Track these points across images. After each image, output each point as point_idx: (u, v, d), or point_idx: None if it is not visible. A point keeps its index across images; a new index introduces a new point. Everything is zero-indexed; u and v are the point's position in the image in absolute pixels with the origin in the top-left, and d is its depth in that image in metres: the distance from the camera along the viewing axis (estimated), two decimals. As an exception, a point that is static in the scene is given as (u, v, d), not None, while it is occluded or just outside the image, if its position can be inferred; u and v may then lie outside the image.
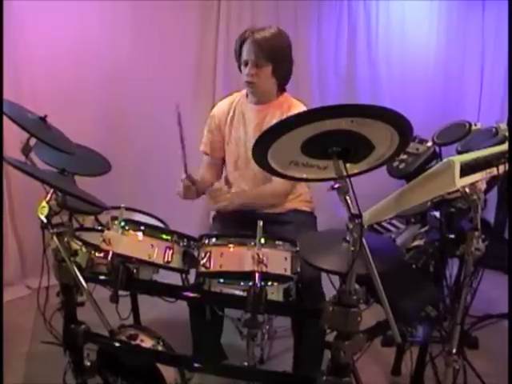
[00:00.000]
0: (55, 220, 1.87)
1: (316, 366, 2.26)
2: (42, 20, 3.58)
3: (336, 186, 1.45)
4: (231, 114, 2.60)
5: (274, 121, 2.40)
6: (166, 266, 1.91)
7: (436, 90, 4.93)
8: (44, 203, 1.82)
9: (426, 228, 2.48)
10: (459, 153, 2.56)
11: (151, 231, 1.93)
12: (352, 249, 1.45)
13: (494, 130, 2.63)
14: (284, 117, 2.36)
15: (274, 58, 2.38)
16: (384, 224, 2.76)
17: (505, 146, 1.92)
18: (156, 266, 1.94)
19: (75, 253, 1.93)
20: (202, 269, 1.85)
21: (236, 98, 2.65)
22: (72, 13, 3.68)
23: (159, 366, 1.97)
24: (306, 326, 2.29)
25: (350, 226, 1.44)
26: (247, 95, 2.58)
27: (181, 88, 4.28)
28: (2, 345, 2.25)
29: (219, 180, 2.76)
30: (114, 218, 1.92)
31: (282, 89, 2.54)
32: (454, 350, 1.94)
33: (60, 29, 3.67)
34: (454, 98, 4.95)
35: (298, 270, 1.85)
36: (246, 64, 2.40)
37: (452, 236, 2.27)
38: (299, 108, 2.46)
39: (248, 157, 2.48)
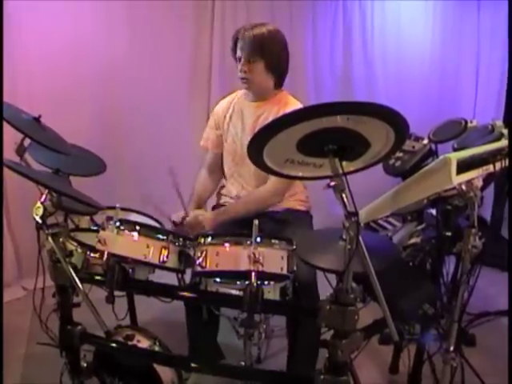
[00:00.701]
0: (50, 221, 1.86)
1: (310, 365, 2.26)
2: (37, 20, 3.55)
3: (332, 183, 1.44)
4: (230, 111, 2.62)
5: (271, 117, 2.42)
6: (162, 266, 1.90)
7: (432, 88, 4.93)
8: (39, 204, 1.80)
9: (423, 226, 2.48)
10: (455, 150, 2.55)
11: (147, 231, 1.91)
12: (349, 247, 1.44)
13: (490, 127, 2.61)
14: (280, 113, 2.39)
15: (265, 54, 2.38)
16: (380, 222, 2.75)
17: (501, 143, 1.91)
18: (152, 266, 1.94)
19: (70, 253, 1.93)
20: (198, 268, 1.84)
21: (236, 95, 2.68)
22: (67, 12, 3.66)
23: (156, 366, 1.96)
24: (301, 325, 2.28)
25: (347, 224, 1.43)
26: (246, 94, 2.60)
27: (176, 88, 4.29)
28: (1, 347, 2.25)
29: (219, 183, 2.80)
30: (110, 218, 1.91)
31: (279, 86, 2.54)
32: (452, 348, 1.93)
33: (55, 28, 3.65)
34: (450, 95, 4.94)
35: (295, 268, 1.85)
36: (240, 60, 2.43)
37: (449, 233, 2.27)
38: (295, 105, 2.48)
39: (244, 153, 2.47)
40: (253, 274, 1.70)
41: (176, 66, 4.30)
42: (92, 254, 2.04)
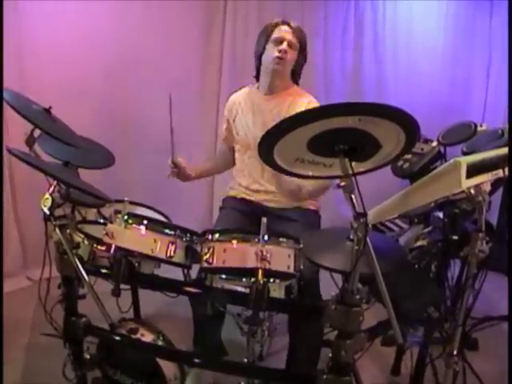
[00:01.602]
0: (58, 212, 1.87)
1: (312, 363, 2.26)
2: (48, 14, 3.59)
3: (341, 184, 1.44)
4: (242, 104, 2.66)
5: (284, 109, 2.49)
6: (169, 261, 1.90)
7: (442, 89, 4.91)
8: (47, 195, 1.81)
9: (430, 228, 2.48)
10: (465, 154, 2.55)
11: (154, 225, 1.92)
12: (356, 248, 1.44)
13: (499, 131, 2.62)
14: (293, 104, 2.49)
15: (301, 47, 2.54)
16: (387, 223, 2.75)
17: (511, 148, 1.91)
18: (158, 261, 1.94)
19: (77, 245, 1.93)
20: (205, 264, 1.85)
21: (247, 90, 2.72)
22: (78, 7, 3.69)
23: (159, 360, 1.96)
24: (303, 325, 2.29)
25: (355, 225, 1.43)
26: (258, 87, 2.64)
27: (186, 88, 4.32)
28: (1, 337, 2.25)
29: (224, 169, 2.94)
30: (118, 212, 1.92)
31: (293, 81, 2.63)
32: (455, 352, 1.93)
33: (66, 22, 3.68)
34: (460, 97, 4.93)
35: (301, 267, 1.85)
36: (280, 42, 2.47)
37: (455, 237, 2.26)
38: (309, 97, 2.55)
39: (256, 144, 2.48)
40: (260, 271, 1.71)
41: (186, 67, 4.33)
42: (99, 247, 2.04)
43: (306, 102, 2.50)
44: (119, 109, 4.08)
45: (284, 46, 2.45)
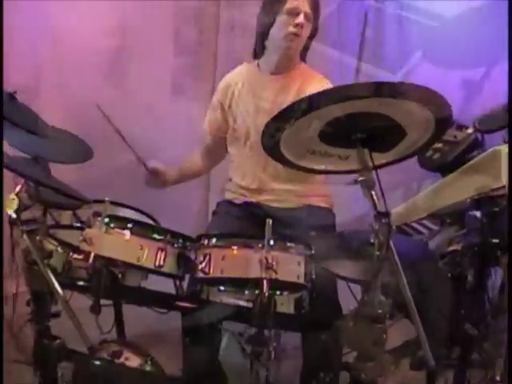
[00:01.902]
0: (26, 215, 1.87)
1: None
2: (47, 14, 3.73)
3: (360, 178, 1.45)
4: (239, 85, 2.64)
5: (292, 93, 2.48)
6: (158, 271, 1.91)
7: (477, 69, 4.92)
8: (13, 195, 1.82)
9: (464, 230, 2.48)
10: (506, 142, 2.55)
11: (140, 230, 1.92)
12: (377, 253, 1.45)
13: (548, 114, 2.61)
14: (303, 88, 2.48)
15: (316, 19, 2.51)
16: (414, 225, 2.75)
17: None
18: (145, 271, 1.94)
19: (49, 254, 1.93)
20: (200, 274, 1.85)
21: (244, 69, 2.71)
22: (78, 7, 3.82)
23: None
24: (317, 344, 2.29)
25: (376, 227, 1.44)
26: (258, 65, 2.63)
27: (180, 82, 4.41)
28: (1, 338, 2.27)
29: (211, 166, 2.96)
30: (97, 214, 1.92)
31: (301, 57, 2.62)
32: (498, 378, 1.93)
33: (64, 23, 3.83)
34: (498, 77, 4.92)
35: (313, 277, 1.85)
36: (296, 14, 2.42)
37: (495, 240, 2.26)
38: (321, 81, 2.55)
39: (259, 134, 2.48)
40: (264, 282, 1.71)
41: (179, 58, 4.44)
42: (75, 256, 2.05)
43: (319, 87, 2.43)
44: (111, 103, 4.15)
45: (301, 18, 2.40)
